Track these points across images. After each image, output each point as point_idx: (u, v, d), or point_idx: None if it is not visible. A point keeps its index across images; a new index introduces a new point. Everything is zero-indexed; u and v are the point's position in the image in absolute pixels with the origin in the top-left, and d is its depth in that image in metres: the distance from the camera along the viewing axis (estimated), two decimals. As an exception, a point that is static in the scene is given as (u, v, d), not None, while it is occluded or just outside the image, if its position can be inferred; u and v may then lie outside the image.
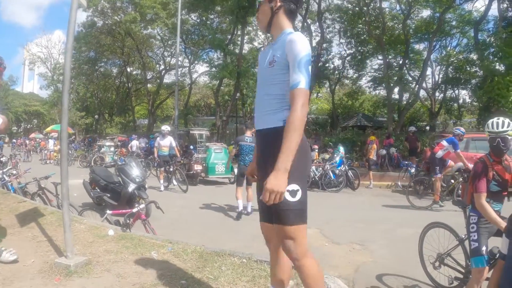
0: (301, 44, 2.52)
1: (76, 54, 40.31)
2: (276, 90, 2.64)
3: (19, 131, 71.95)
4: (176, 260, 4.60)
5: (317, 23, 32.26)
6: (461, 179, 10.00)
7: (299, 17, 32.11)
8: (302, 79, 2.46)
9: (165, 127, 14.74)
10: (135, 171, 9.22)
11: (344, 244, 7.08)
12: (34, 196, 8.60)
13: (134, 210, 6.07)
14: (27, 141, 40.68)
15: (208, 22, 35.33)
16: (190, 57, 40.20)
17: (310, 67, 2.53)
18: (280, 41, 2.69)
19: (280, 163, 2.34)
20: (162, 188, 14.06)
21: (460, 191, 10.07)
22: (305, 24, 32.10)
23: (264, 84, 2.77)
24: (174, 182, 14.62)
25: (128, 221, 6.01)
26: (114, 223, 6.57)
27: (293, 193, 2.51)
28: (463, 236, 4.53)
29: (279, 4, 2.75)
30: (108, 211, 6.70)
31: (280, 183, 2.31)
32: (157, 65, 45.73)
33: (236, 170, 12.04)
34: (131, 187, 8.83)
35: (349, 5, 30.48)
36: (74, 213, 7.05)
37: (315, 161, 16.46)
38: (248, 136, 10.07)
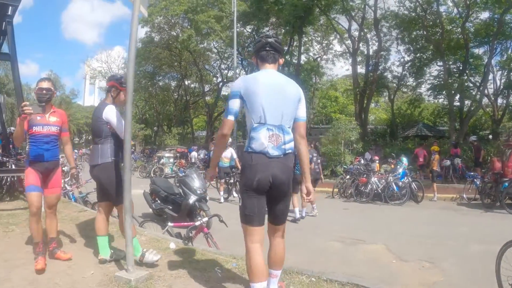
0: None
1: (135, 69, 41.31)
2: None
3: (80, 142, 74.43)
4: (243, 277, 4.48)
5: (374, 32, 31.87)
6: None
7: (356, 26, 31.89)
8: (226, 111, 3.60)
9: None
10: (196, 182, 9.27)
11: (412, 261, 6.92)
12: (94, 206, 8.82)
13: (197, 223, 6.05)
14: (89, 152, 41.82)
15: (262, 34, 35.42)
16: (246, 69, 40.46)
17: (230, 101, 3.52)
18: None
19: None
20: (222, 200, 14.29)
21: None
22: (361, 33, 31.77)
23: None
24: (234, 193, 14.74)
25: (190, 234, 6.03)
26: (175, 236, 6.64)
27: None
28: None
29: None
30: (170, 223, 6.72)
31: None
32: (214, 78, 46.35)
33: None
34: (192, 199, 8.89)
35: (406, 12, 29.86)
36: (135, 224, 7.10)
37: (376, 173, 16.23)
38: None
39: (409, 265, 6.71)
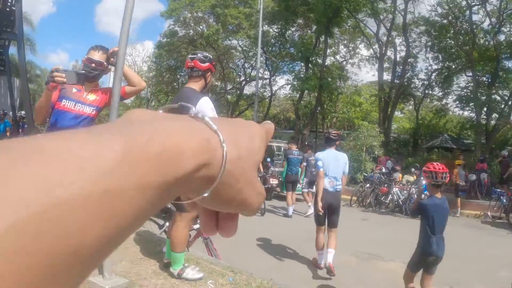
0: None
1: (157, 61, 41.40)
2: None
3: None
4: None
5: (403, 37, 31.29)
6: None
7: (384, 30, 31.34)
8: None
9: None
10: None
11: (435, 285, 6.38)
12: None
13: (195, 226, 5.36)
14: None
15: (288, 34, 35.09)
16: (270, 69, 40.07)
17: None
18: None
19: None
20: None
21: None
22: (389, 38, 31.19)
23: None
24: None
25: (188, 238, 5.43)
26: None
27: None
28: None
29: None
30: (168, 224, 5.97)
31: None
32: (238, 76, 45.99)
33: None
34: None
35: (437, 18, 29.28)
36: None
37: (398, 183, 15.65)
38: (295, 150, 12.95)
39: (432, 289, 6.16)
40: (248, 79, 42.77)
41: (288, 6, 29.95)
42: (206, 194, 0.41)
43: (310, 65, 31.02)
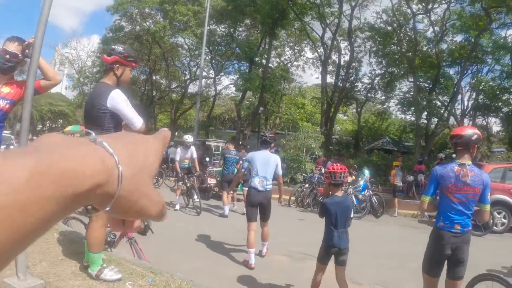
0: None
1: (101, 58, 40.56)
2: None
3: (43, 130, 72.30)
4: None
5: (348, 42, 31.68)
6: None
7: (330, 35, 31.61)
8: None
9: (188, 137, 12.96)
10: None
11: (366, 285, 6.24)
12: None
13: None
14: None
15: (235, 34, 34.93)
16: (216, 68, 39.85)
17: None
18: None
19: None
20: (178, 207, 12.41)
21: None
22: (334, 42, 31.48)
23: None
24: (196, 198, 12.22)
25: (111, 238, 5.32)
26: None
27: None
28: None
29: None
30: None
31: None
32: (183, 74, 45.48)
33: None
34: None
35: (382, 25, 29.82)
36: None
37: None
38: (232, 150, 13.02)
39: (361, 289, 5.92)
40: (193, 78, 42.33)
41: (236, 6, 29.80)
42: (107, 209, 0.49)
43: (254, 65, 30.91)
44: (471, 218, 3.99)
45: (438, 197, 4.20)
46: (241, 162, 12.26)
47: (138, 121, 4.02)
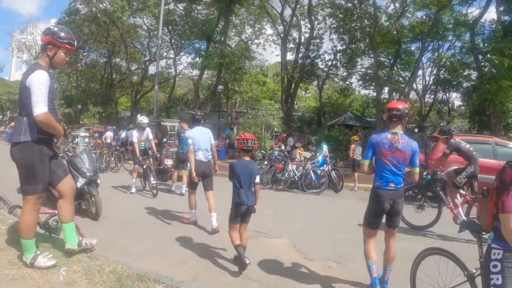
0: None
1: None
2: None
3: (4, 120, 70.45)
4: (85, 282, 3.85)
5: (307, 18, 31.38)
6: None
7: (289, 11, 31.27)
8: None
9: (143, 118, 12.51)
10: (86, 164, 8.16)
11: (318, 260, 5.96)
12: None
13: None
14: (7, 130, 39.64)
15: (194, 13, 34.24)
16: (175, 48, 39.19)
17: None
18: None
19: None
20: (134, 190, 11.96)
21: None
22: (294, 19, 31.17)
23: None
24: (152, 180, 11.86)
25: (54, 224, 5.17)
26: (42, 225, 5.42)
27: None
28: (474, 271, 3.25)
29: None
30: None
31: None
32: (143, 56, 44.63)
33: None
34: (80, 182, 7.80)
35: (342, 1, 29.63)
36: (4, 209, 6.13)
37: (296, 159, 15.44)
38: (186, 129, 11.51)
39: (313, 265, 5.77)
40: (153, 59, 41.56)
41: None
42: None
43: (212, 43, 30.43)
44: (402, 178, 4.79)
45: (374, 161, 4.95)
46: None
47: (39, 109, 3.77)
